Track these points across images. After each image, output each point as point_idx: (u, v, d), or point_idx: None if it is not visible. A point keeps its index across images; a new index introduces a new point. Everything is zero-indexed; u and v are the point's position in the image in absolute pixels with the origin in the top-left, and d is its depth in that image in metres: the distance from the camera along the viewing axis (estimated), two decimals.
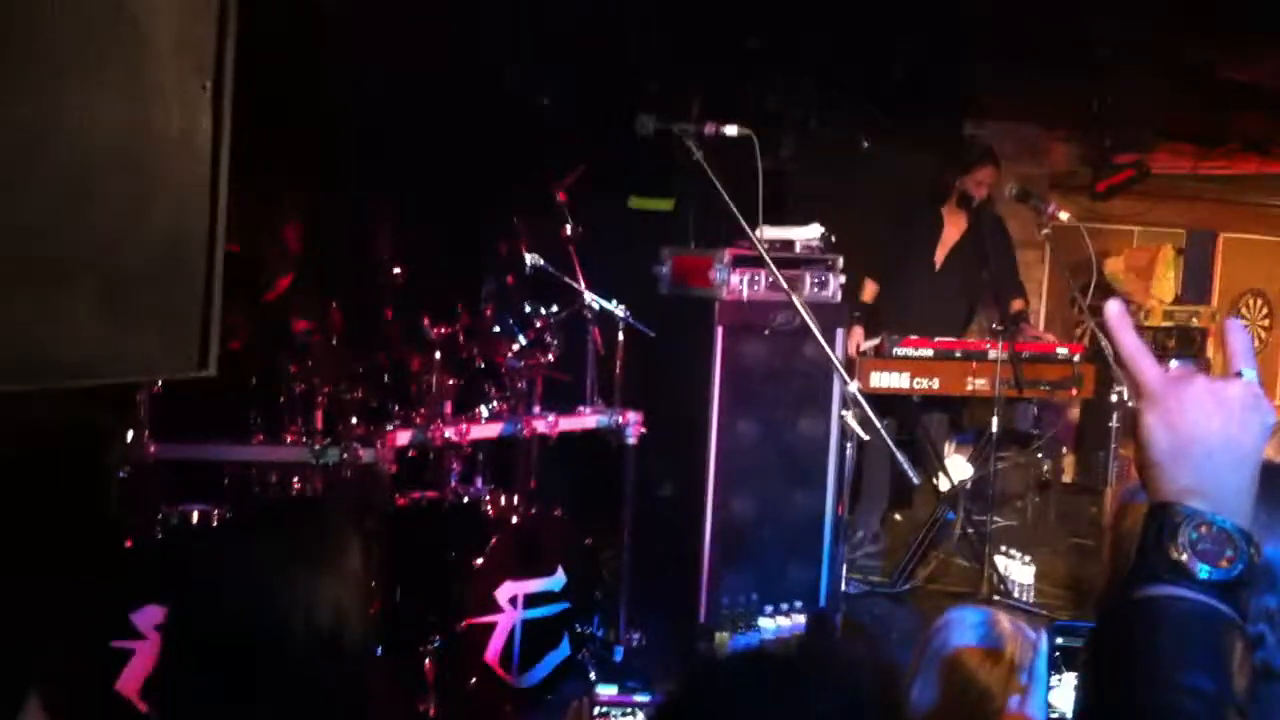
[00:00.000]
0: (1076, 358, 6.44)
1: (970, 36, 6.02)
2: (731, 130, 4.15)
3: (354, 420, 4.23)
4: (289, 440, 4.15)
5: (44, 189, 1.74)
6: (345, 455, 4.09)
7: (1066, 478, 8.60)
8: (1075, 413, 8.49)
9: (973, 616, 2.28)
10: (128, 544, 3.67)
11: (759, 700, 1.34)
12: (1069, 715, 1.94)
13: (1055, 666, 2.00)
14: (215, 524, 3.81)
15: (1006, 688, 2.10)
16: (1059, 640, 2.01)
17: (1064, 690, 1.98)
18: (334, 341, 4.31)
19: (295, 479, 4.19)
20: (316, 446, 4.07)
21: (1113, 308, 1.29)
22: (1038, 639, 2.08)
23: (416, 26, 5.35)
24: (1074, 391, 6.52)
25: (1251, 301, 10.92)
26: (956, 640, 2.24)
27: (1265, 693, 1.90)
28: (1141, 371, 1.25)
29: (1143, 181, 8.42)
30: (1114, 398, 5.25)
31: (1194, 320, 8.94)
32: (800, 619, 5.42)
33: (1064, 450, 8.46)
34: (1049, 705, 1.99)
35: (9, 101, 1.67)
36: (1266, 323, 11.05)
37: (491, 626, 4.19)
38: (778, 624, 5.37)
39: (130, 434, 3.73)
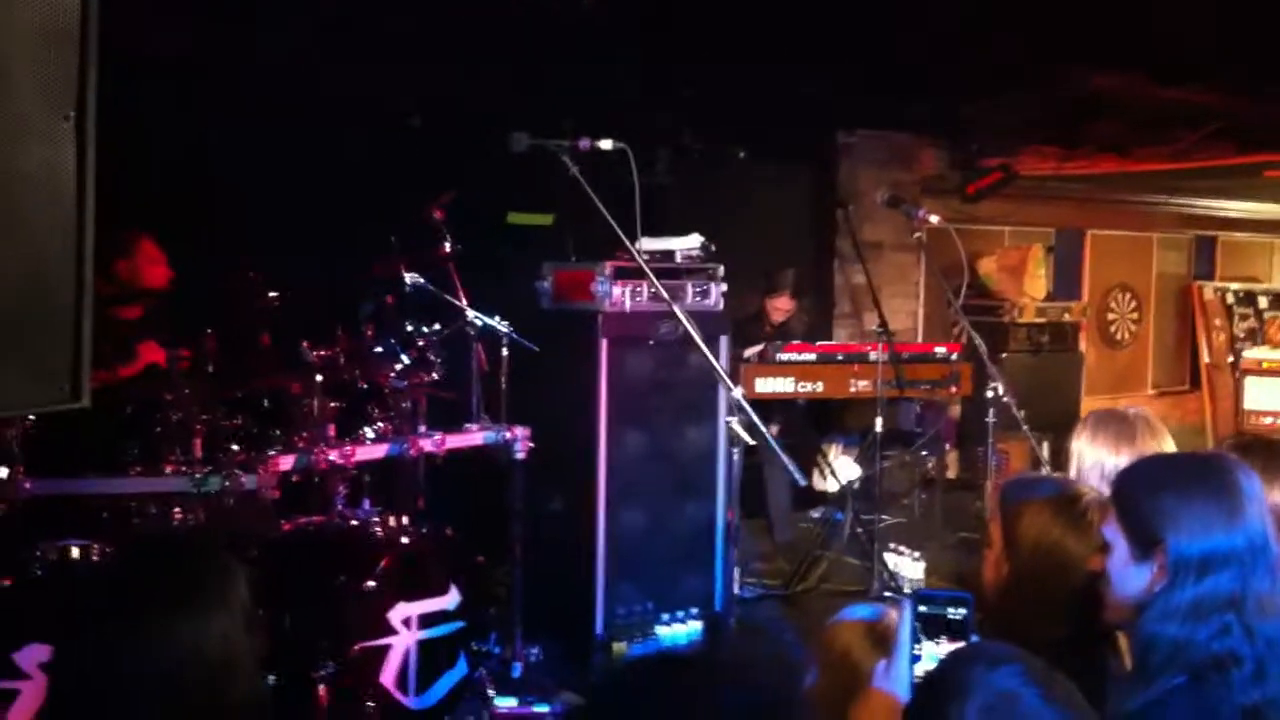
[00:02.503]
0: (954, 356, 6.59)
1: (836, 53, 6.13)
2: (606, 144, 4.16)
3: (234, 447, 4.16)
4: (168, 471, 4.05)
5: None
6: (227, 483, 4.01)
7: (950, 474, 8.76)
8: (956, 410, 8.66)
9: (867, 607, 2.30)
10: (6, 582, 3.59)
11: (663, 703, 1.36)
12: None
13: (919, 636, 1.98)
14: (95, 559, 3.72)
15: (875, 656, 2.09)
16: (921, 609, 1.99)
17: (928, 661, 1.95)
18: (210, 369, 4.22)
19: (176, 510, 4.10)
20: (197, 476, 3.98)
21: None
22: (902, 609, 2.07)
23: (287, 51, 5.30)
24: (953, 390, 6.68)
25: (1120, 295, 11.26)
26: (844, 616, 2.27)
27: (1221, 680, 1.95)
28: None
29: (1010, 184, 8.65)
30: (990, 394, 5.37)
31: (1066, 316, 9.19)
32: (697, 625, 5.45)
33: (946, 447, 8.62)
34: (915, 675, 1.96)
35: None
36: (1136, 315, 11.40)
37: (385, 649, 4.15)
38: (674, 631, 5.40)
39: (4, 472, 3.64)
